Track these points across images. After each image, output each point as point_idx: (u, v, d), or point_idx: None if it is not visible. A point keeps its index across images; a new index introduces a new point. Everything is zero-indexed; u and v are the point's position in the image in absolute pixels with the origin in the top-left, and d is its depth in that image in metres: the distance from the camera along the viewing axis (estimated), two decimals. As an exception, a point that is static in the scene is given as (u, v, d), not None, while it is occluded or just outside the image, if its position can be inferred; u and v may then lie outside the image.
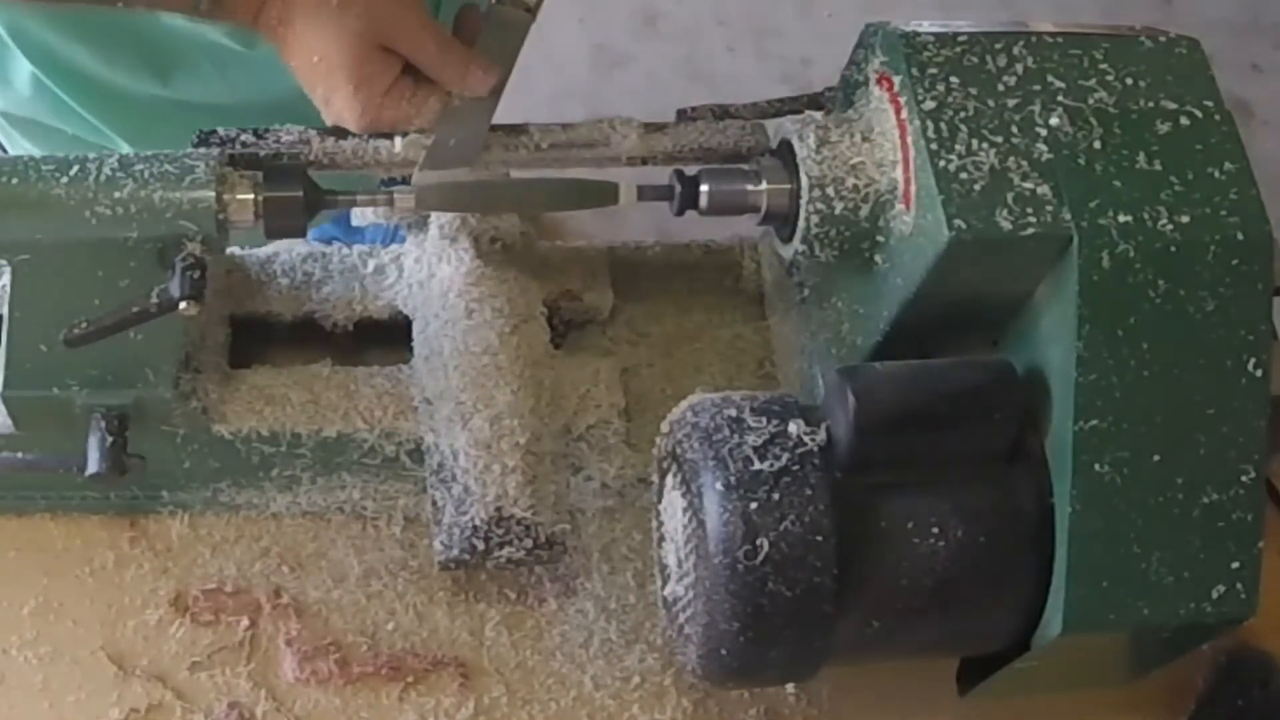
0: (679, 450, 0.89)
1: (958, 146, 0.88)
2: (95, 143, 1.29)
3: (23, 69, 1.25)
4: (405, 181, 1.03)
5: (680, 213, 1.02)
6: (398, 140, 1.01)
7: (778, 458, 0.86)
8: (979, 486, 0.90)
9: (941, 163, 0.88)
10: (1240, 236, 0.87)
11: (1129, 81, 0.92)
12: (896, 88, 0.92)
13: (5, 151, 1.40)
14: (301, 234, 1.00)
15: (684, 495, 0.89)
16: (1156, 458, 0.87)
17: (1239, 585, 0.88)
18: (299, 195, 0.97)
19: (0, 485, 1.07)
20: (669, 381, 1.13)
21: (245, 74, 1.22)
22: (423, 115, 1.00)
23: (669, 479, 0.91)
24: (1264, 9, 2.76)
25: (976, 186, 0.87)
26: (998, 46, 0.92)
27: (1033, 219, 0.87)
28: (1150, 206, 0.87)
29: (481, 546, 1.02)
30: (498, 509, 1.01)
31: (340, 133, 1.02)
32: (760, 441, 0.86)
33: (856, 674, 1.04)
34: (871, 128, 0.95)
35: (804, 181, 0.95)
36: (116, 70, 1.23)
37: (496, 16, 1.04)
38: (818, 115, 0.99)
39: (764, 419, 0.87)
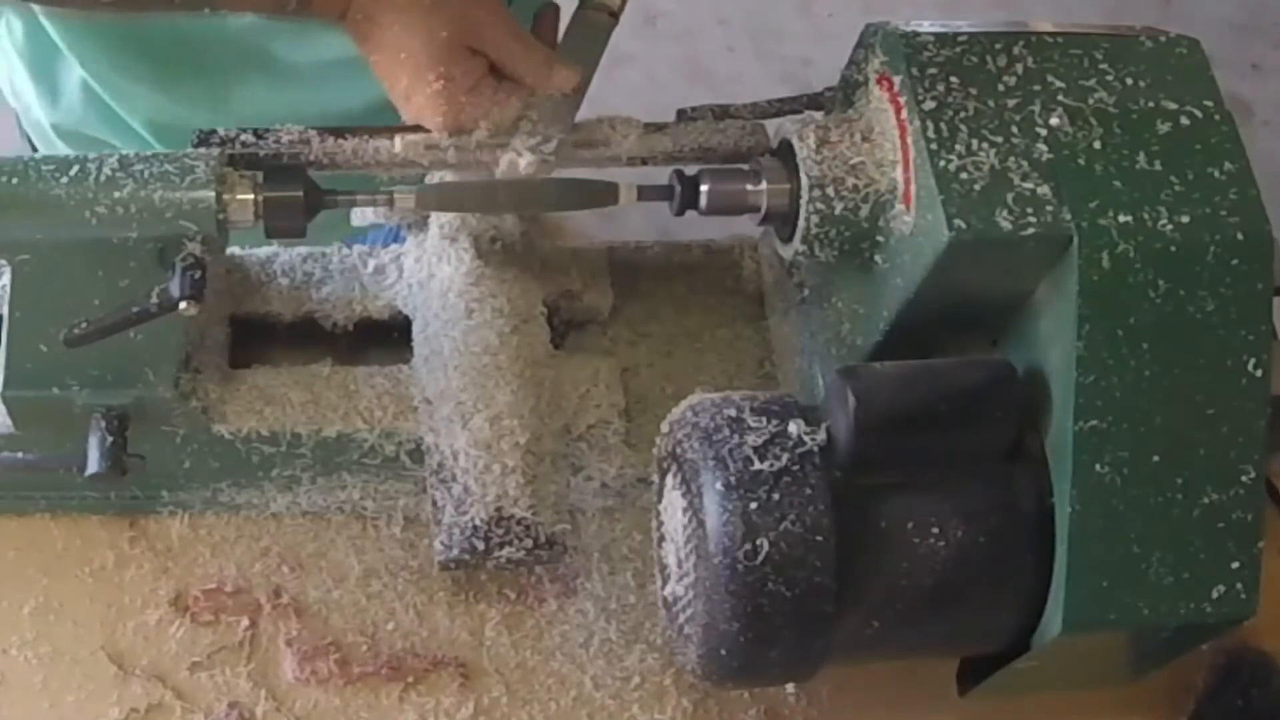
0: (679, 450, 0.89)
1: (958, 146, 0.88)
2: None
3: (73, 77, 1.25)
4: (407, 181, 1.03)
5: (680, 213, 1.02)
6: (398, 140, 1.02)
7: (778, 458, 0.86)
8: (979, 486, 0.90)
9: (941, 163, 0.88)
10: (1240, 236, 0.87)
11: (1129, 81, 0.92)
12: (896, 88, 0.92)
13: None
14: (302, 234, 1.00)
15: (684, 495, 0.89)
16: (1156, 458, 0.87)
17: (1239, 585, 0.88)
18: (299, 195, 0.98)
19: (0, 485, 1.07)
20: (669, 381, 1.13)
21: (302, 91, 1.22)
22: (504, 113, 1.01)
23: (669, 479, 0.91)
24: (1264, 9, 2.76)
25: (976, 186, 0.87)
26: (998, 46, 0.92)
27: (1033, 219, 0.87)
28: (1150, 206, 0.87)
29: (481, 546, 1.02)
30: (498, 509, 1.01)
31: (340, 133, 1.02)
32: (760, 441, 0.86)
33: (856, 674, 1.04)
34: (871, 128, 0.95)
35: (804, 181, 0.95)
36: (172, 96, 1.23)
37: (580, 19, 1.05)
38: (818, 115, 0.99)
39: (764, 419, 0.87)
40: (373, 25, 0.98)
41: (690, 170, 1.01)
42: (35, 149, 1.39)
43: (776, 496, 0.85)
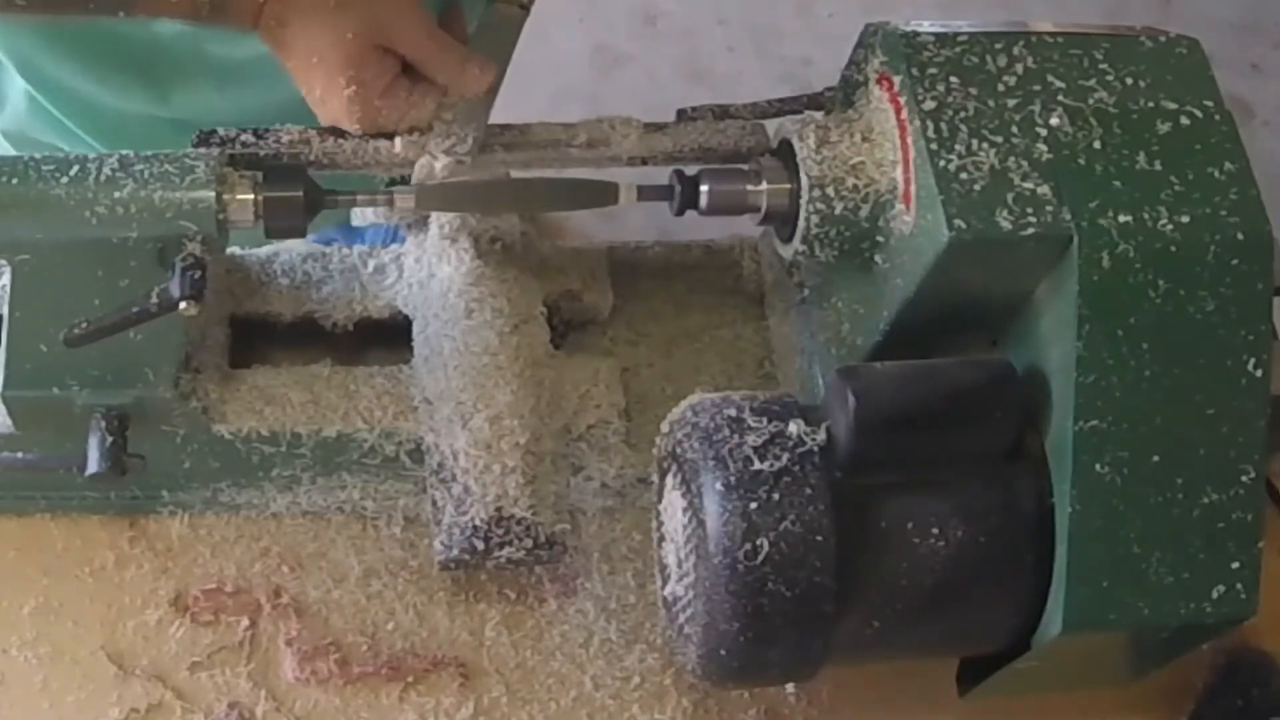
0: (679, 450, 0.89)
1: (958, 146, 0.88)
2: None
3: (17, 86, 1.25)
4: (407, 181, 1.03)
5: (680, 213, 1.02)
6: (397, 140, 1.02)
7: (778, 458, 0.86)
8: (979, 486, 0.90)
9: (941, 163, 0.88)
10: (1240, 236, 0.87)
11: (1129, 81, 0.92)
12: (896, 88, 0.92)
13: None
14: (301, 234, 1.00)
15: (684, 495, 0.89)
16: (1156, 458, 0.87)
17: (1239, 585, 0.88)
18: (299, 195, 0.98)
19: (0, 485, 1.07)
20: (669, 381, 1.13)
21: (243, 87, 1.22)
22: (419, 114, 1.01)
23: (669, 479, 0.91)
24: (1264, 9, 2.76)
25: (976, 186, 0.87)
26: (998, 46, 0.92)
27: (1033, 219, 0.87)
28: (1150, 206, 0.87)
29: (481, 546, 1.02)
30: (498, 509, 1.01)
31: (340, 133, 1.02)
32: (760, 441, 0.86)
33: (856, 674, 1.04)
34: (871, 128, 0.95)
35: (804, 181, 0.95)
36: (112, 90, 1.22)
37: (491, 14, 1.04)
38: (818, 115, 0.99)
39: (764, 419, 0.87)
40: (284, 30, 0.98)
41: (690, 170, 1.01)
42: None
43: (776, 496, 0.85)
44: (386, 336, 1.12)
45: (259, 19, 0.98)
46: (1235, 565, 0.88)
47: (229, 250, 1.09)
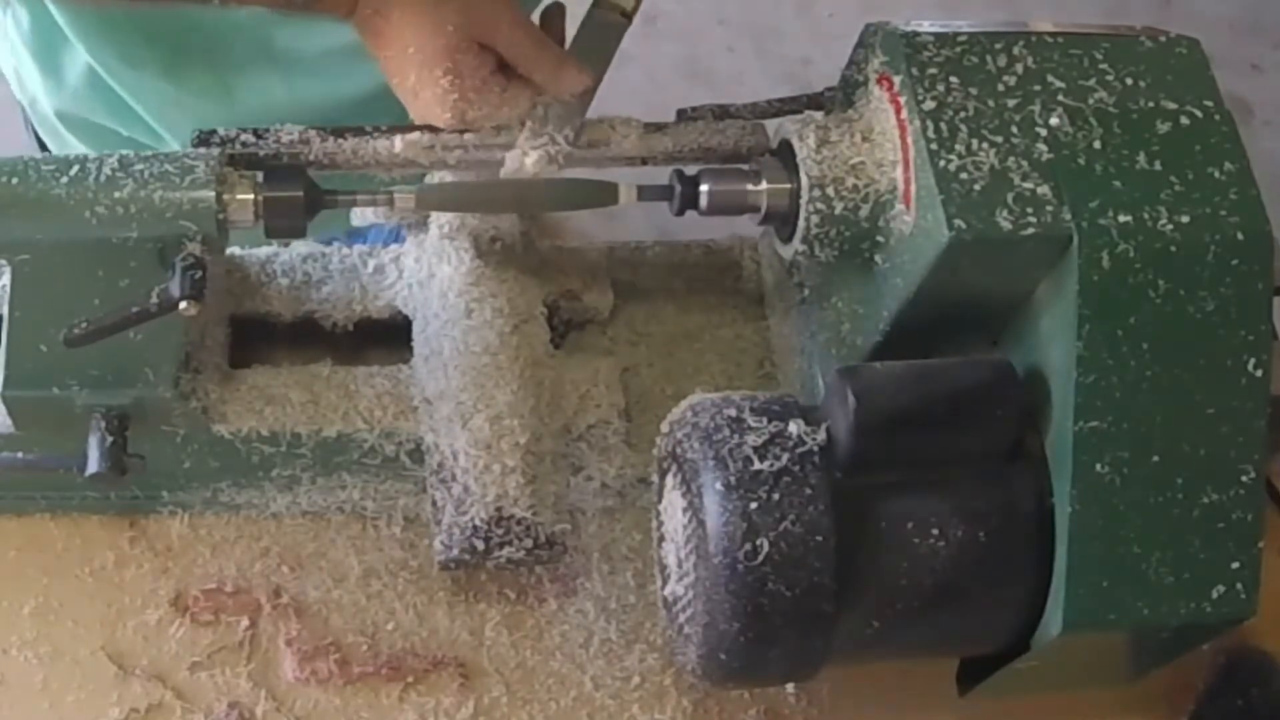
0: (679, 450, 0.89)
1: (958, 146, 0.88)
2: (149, 145, 1.28)
3: (78, 63, 1.25)
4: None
5: (680, 213, 1.02)
6: (398, 140, 1.01)
7: (778, 458, 0.86)
8: (979, 486, 0.90)
9: (941, 163, 0.88)
10: (1240, 236, 0.87)
11: (1129, 81, 0.92)
12: (896, 88, 0.92)
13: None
14: (301, 234, 1.00)
15: (684, 495, 0.89)
16: (1156, 458, 0.87)
17: (1239, 585, 0.88)
18: (299, 195, 0.97)
19: (0, 485, 1.07)
20: (669, 381, 1.13)
21: (309, 80, 1.22)
22: (511, 111, 1.00)
23: (669, 479, 0.91)
24: (1264, 9, 2.76)
25: (976, 186, 0.87)
26: (998, 46, 0.92)
27: (1033, 219, 0.87)
28: (1150, 206, 0.87)
29: (481, 546, 1.02)
30: (498, 509, 1.01)
31: (340, 132, 1.02)
32: (760, 441, 0.86)
33: (856, 674, 1.04)
34: (871, 128, 0.95)
35: (804, 181, 0.95)
36: (179, 83, 1.23)
37: (592, 19, 1.04)
38: (818, 115, 0.99)
39: (764, 419, 0.87)
40: (381, 20, 0.98)
41: (690, 170, 1.01)
42: (43, 146, 1.39)
43: (776, 496, 0.85)
44: (386, 336, 1.12)
45: (355, 7, 0.98)
46: (1235, 565, 0.88)
47: (229, 250, 1.09)
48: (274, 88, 1.22)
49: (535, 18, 1.07)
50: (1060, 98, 0.91)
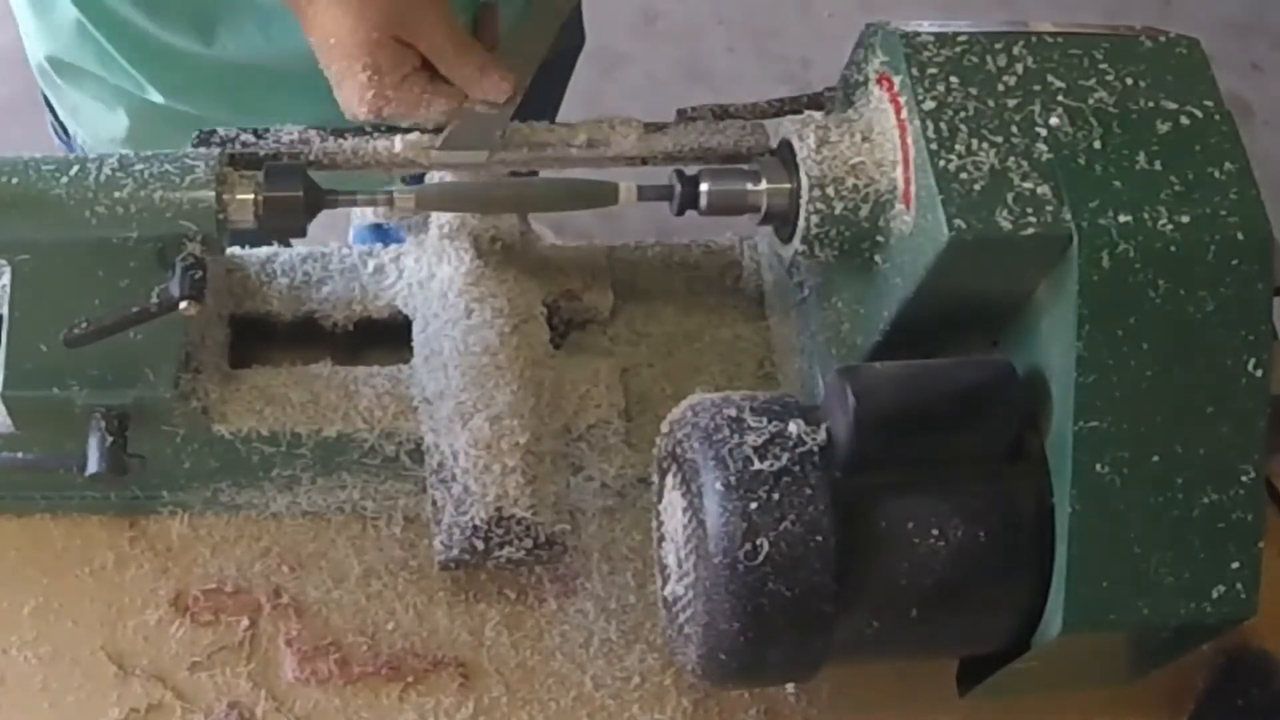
0: (679, 450, 0.89)
1: (958, 146, 0.88)
2: (135, 94, 1.28)
3: (68, 12, 1.25)
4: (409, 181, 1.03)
5: (680, 213, 1.02)
6: (398, 140, 1.02)
7: (778, 458, 0.86)
8: (979, 486, 0.90)
9: (941, 163, 0.88)
10: (1240, 236, 0.87)
11: (1129, 81, 0.92)
12: (896, 88, 0.92)
13: (51, 110, 1.40)
14: (301, 234, 1.00)
15: (684, 495, 0.89)
16: (1156, 458, 0.87)
17: (1239, 585, 0.88)
18: (299, 195, 0.97)
19: (0, 485, 1.07)
20: (669, 381, 1.13)
21: (287, 29, 1.22)
22: (430, 111, 1.00)
23: (669, 479, 0.91)
24: (1264, 9, 2.77)
25: (976, 186, 0.87)
26: (998, 46, 0.92)
27: (1033, 219, 0.87)
28: (1150, 206, 0.87)
29: (481, 546, 1.02)
30: (498, 509, 1.01)
31: (340, 132, 1.02)
32: (760, 441, 0.86)
33: (856, 674, 1.04)
34: (871, 128, 0.95)
35: (804, 181, 0.95)
36: (159, 21, 1.22)
37: (540, 1, 1.04)
38: (818, 115, 0.99)
39: (764, 419, 0.87)
40: (310, 5, 0.98)
41: (690, 170, 1.01)
42: (52, 110, 1.39)
43: (776, 496, 0.85)
44: (386, 336, 1.12)
45: None
46: (1235, 565, 0.88)
47: (229, 250, 1.09)
48: (254, 39, 1.22)
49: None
50: (1060, 98, 0.91)
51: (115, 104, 1.30)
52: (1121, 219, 0.87)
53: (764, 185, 0.98)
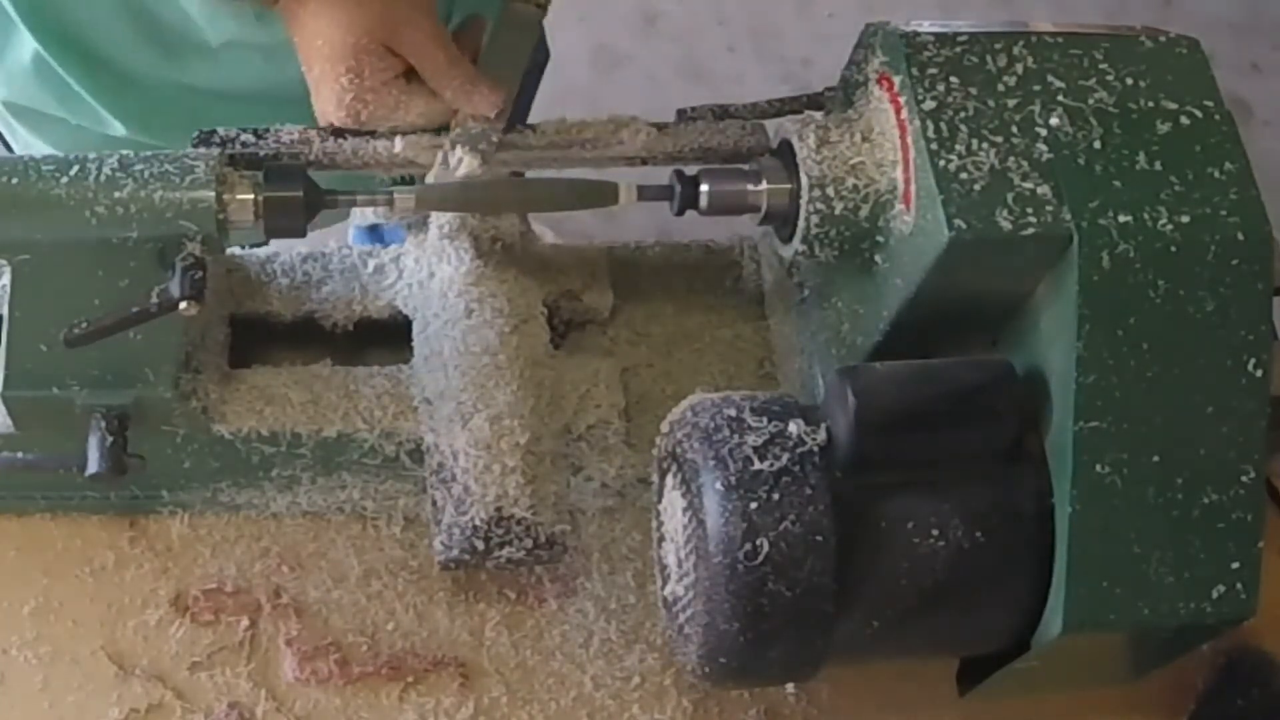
0: (679, 450, 0.89)
1: (958, 146, 0.88)
2: (98, 132, 1.28)
3: (26, 48, 1.24)
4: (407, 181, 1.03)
5: (680, 213, 1.02)
6: (398, 140, 1.02)
7: (778, 458, 0.86)
8: (979, 486, 0.90)
9: (941, 163, 0.88)
10: (1240, 236, 0.87)
11: (1129, 81, 0.92)
12: (896, 88, 0.92)
13: (7, 146, 1.40)
14: (301, 234, 1.00)
15: (684, 495, 0.89)
16: (1156, 458, 0.87)
17: (1239, 585, 0.88)
18: (299, 195, 0.98)
19: (0, 485, 1.07)
20: (669, 381, 1.13)
21: (257, 58, 1.22)
22: (405, 117, 1.01)
23: (669, 479, 0.91)
24: (1264, 9, 2.76)
25: (976, 186, 0.87)
26: (998, 46, 0.92)
27: (1033, 219, 0.87)
28: (1150, 206, 0.87)
29: (481, 546, 1.02)
30: (498, 509, 1.01)
31: (340, 132, 1.02)
32: (760, 441, 0.86)
33: (856, 674, 1.04)
34: (871, 128, 0.95)
35: (804, 181, 0.95)
36: (125, 48, 1.22)
37: (508, 14, 1.04)
38: (818, 115, 0.99)
39: (764, 419, 0.87)
40: (301, 7, 0.99)
41: (690, 170, 1.01)
42: (3, 141, 1.39)
43: (776, 496, 0.85)
44: (386, 336, 1.12)
45: None
46: (1235, 565, 0.88)
47: (229, 250, 1.09)
48: (223, 66, 1.21)
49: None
50: (1060, 98, 0.91)
51: (74, 145, 1.29)
52: (1121, 219, 0.87)
53: (764, 185, 0.98)
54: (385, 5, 0.98)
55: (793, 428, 0.87)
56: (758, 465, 0.85)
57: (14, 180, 0.92)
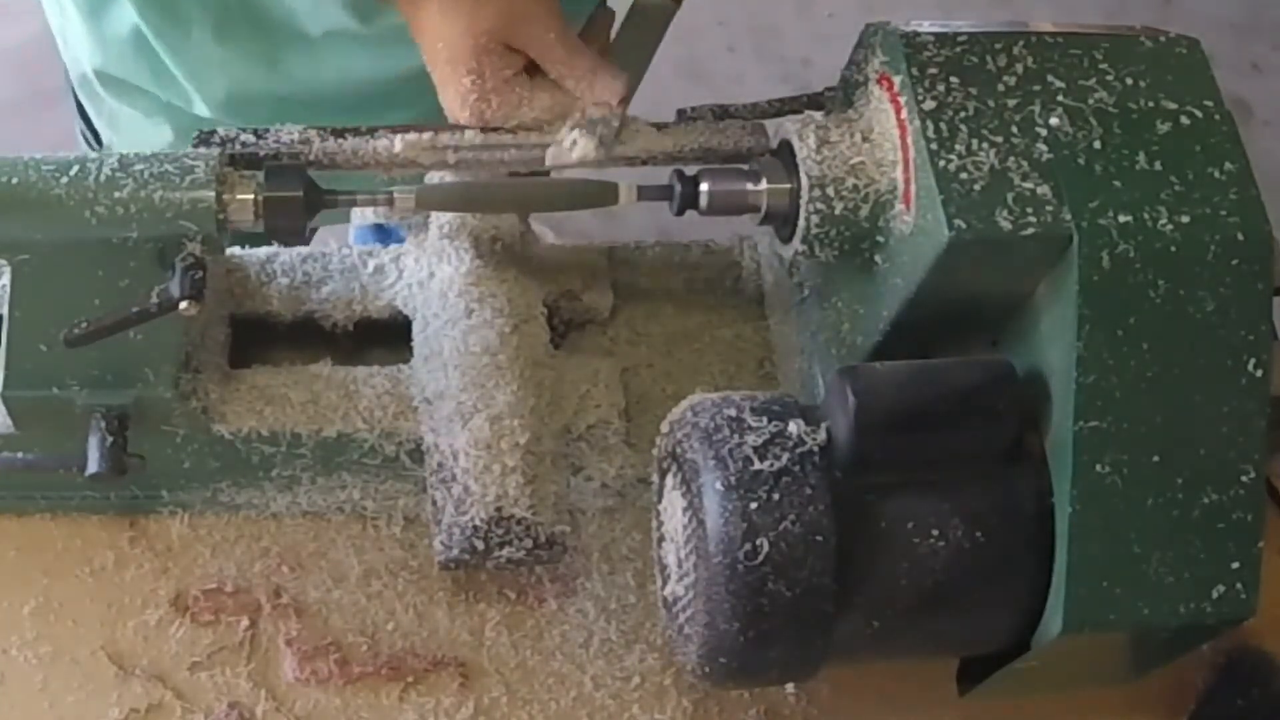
0: (679, 450, 0.89)
1: (958, 146, 0.88)
2: (183, 109, 1.28)
3: (126, 20, 1.24)
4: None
5: (680, 213, 1.02)
6: (398, 140, 1.02)
7: (778, 458, 0.86)
8: (979, 486, 0.90)
9: (941, 163, 0.88)
10: (1240, 236, 0.87)
11: (1129, 81, 0.92)
12: (896, 88, 0.92)
13: (85, 120, 1.40)
14: (302, 234, 1.00)
15: (684, 495, 0.89)
16: (1156, 458, 0.87)
17: (1239, 585, 0.88)
18: (299, 195, 0.97)
19: (0, 485, 1.07)
20: (669, 381, 1.13)
21: (356, 49, 1.22)
22: (531, 113, 1.01)
23: (669, 479, 0.91)
24: (1264, 9, 2.77)
25: (976, 186, 0.87)
26: (998, 46, 0.92)
27: (1033, 219, 0.87)
28: (1150, 206, 0.87)
29: (481, 546, 1.02)
30: (498, 509, 1.01)
31: (340, 132, 1.02)
32: (760, 441, 0.86)
33: (856, 674, 1.04)
34: (871, 128, 0.95)
35: (804, 181, 0.95)
36: (224, 30, 1.22)
37: (637, 8, 1.03)
38: (818, 115, 0.99)
39: (764, 419, 0.87)
40: (421, 9, 0.99)
41: (690, 170, 1.01)
42: (81, 110, 1.39)
43: (776, 496, 0.85)
44: (386, 336, 1.12)
45: None
46: (1235, 565, 0.88)
47: (229, 250, 1.09)
48: (321, 64, 1.22)
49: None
50: (1060, 98, 0.91)
51: (160, 118, 1.29)
52: (1121, 219, 0.87)
53: (764, 185, 0.98)
54: (504, 4, 0.97)
55: (793, 428, 0.87)
56: (758, 465, 0.85)
57: (14, 180, 0.92)
